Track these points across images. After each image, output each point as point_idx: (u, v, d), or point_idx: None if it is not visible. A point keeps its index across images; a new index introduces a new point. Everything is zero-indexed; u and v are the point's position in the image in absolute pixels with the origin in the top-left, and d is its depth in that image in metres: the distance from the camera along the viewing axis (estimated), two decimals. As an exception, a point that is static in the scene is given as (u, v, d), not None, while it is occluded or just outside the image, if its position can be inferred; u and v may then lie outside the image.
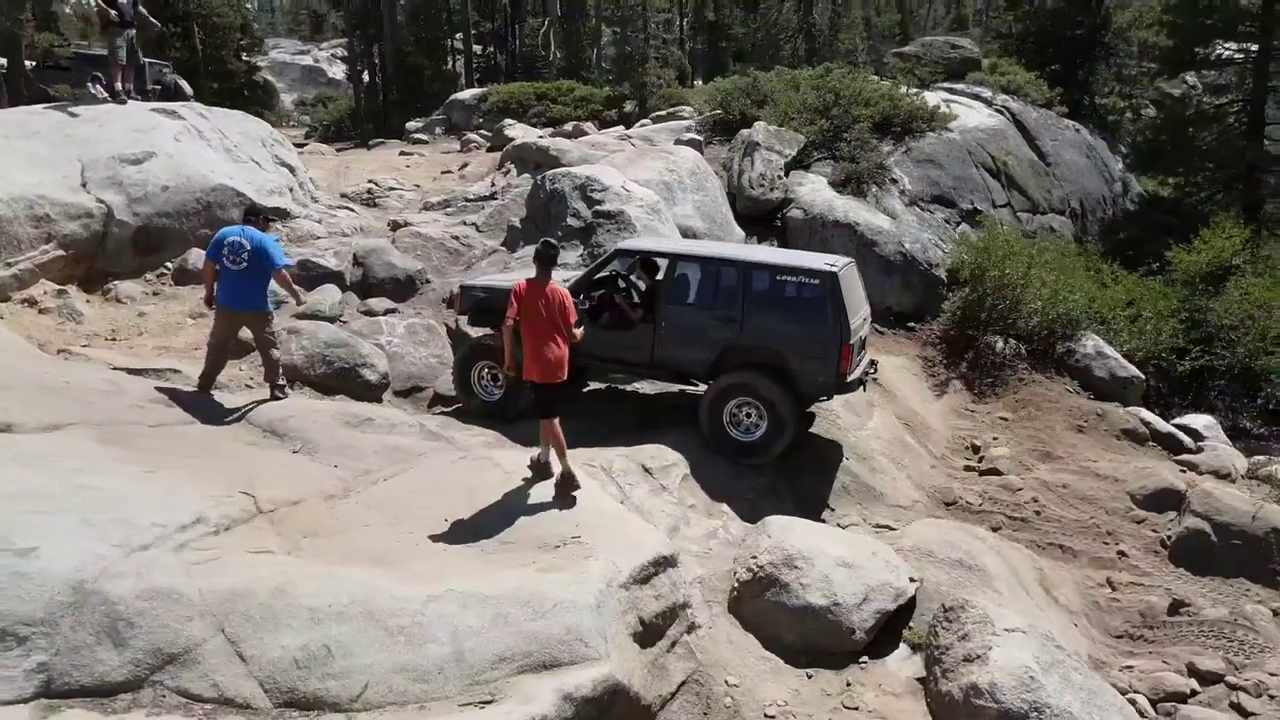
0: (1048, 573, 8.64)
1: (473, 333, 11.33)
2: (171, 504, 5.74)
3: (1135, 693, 7.10)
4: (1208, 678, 7.28)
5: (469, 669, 5.06)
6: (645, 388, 11.17)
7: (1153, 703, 7.11)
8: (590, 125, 21.05)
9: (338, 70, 63.54)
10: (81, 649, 4.65)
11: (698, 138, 16.49)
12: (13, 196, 10.47)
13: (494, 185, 15.18)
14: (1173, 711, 6.91)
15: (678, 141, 16.35)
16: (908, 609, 7.04)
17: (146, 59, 14.95)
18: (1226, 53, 20.18)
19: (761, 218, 14.73)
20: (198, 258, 11.91)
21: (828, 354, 8.67)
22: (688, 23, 48.02)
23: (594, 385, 11.12)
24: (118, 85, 12.91)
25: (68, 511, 5.24)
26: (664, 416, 10.16)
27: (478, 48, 50.03)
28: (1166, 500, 9.41)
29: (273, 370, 8.63)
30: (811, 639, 6.63)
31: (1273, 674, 7.39)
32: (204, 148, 12.85)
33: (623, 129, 19.00)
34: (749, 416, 9.03)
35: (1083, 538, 9.33)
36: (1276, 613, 8.10)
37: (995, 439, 11.23)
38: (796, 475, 9.38)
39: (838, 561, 6.83)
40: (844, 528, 8.49)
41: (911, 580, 7.08)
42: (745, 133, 15.47)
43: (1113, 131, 23.41)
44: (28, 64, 17.21)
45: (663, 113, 20.91)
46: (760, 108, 17.19)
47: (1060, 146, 20.22)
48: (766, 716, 6.06)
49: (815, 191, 14.75)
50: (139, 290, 11.55)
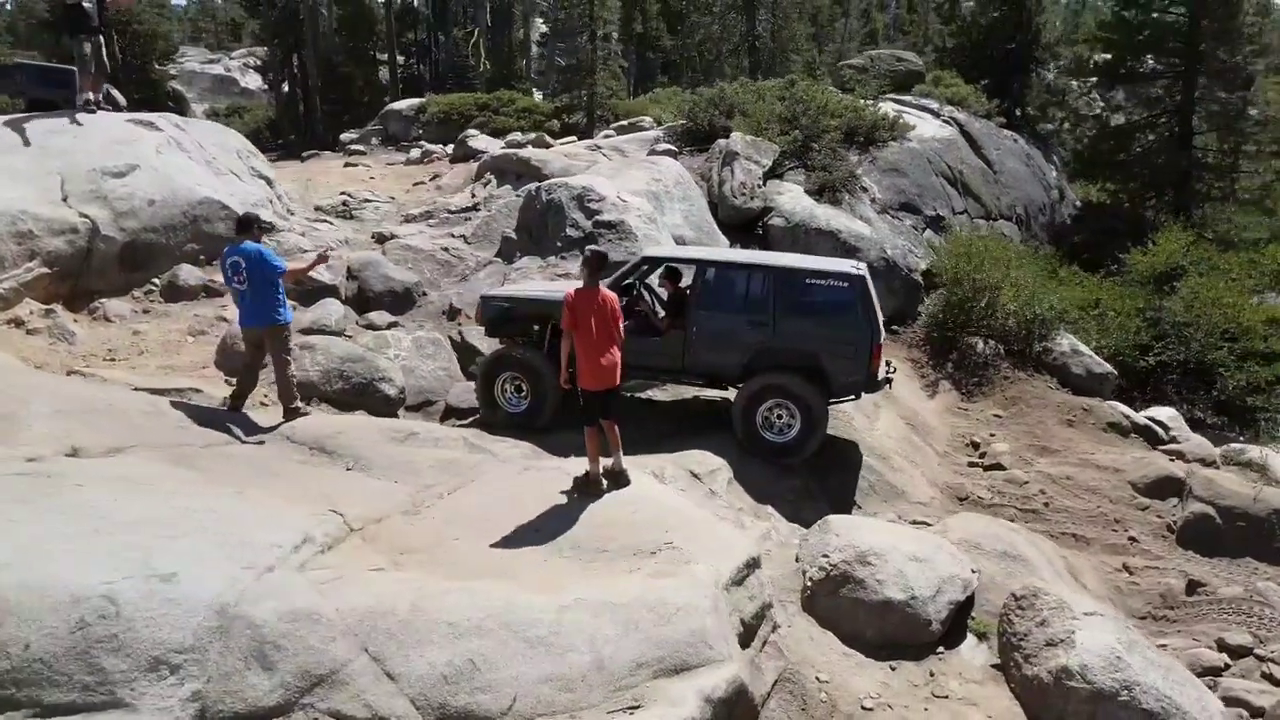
0: (1070, 560, 9.06)
1: (483, 345, 11.29)
2: (277, 525, 5.59)
3: (1176, 669, 7.53)
4: (1238, 651, 7.77)
5: (610, 676, 5.07)
6: (658, 394, 11.31)
7: (1193, 677, 7.54)
8: (549, 137, 21.01)
9: (251, 80, 61.74)
10: (232, 675, 4.50)
11: (672, 148, 16.69)
12: (-6, 212, 10.01)
13: (475, 196, 15.07)
14: (1214, 685, 7.33)
15: (652, 152, 16.52)
16: (969, 600, 7.31)
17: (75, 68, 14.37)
18: (1160, 67, 21.49)
19: (743, 226, 15.00)
20: (188, 274, 11.59)
21: (859, 354, 9.00)
22: (616, 34, 48.33)
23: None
24: (87, 95, 12.37)
25: (190, 535, 5.06)
26: (686, 423, 10.29)
27: (400, 58, 49.29)
28: (1168, 488, 9.98)
29: (287, 390, 8.33)
30: (890, 633, 6.82)
31: (1296, 645, 7.94)
32: (185, 160, 12.45)
33: (591, 140, 19.02)
34: (780, 418, 9.26)
35: (1093, 526, 9.82)
36: (1283, 587, 8.73)
37: (992, 435, 11.71)
38: (825, 476, 9.64)
39: (909, 556, 7.06)
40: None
41: (973, 571, 7.36)
42: (723, 143, 15.73)
43: (1045, 141, 24.62)
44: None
45: (624, 123, 21.07)
46: (729, 118, 17.49)
47: (1003, 155, 21.16)
48: (864, 709, 6.22)
49: (795, 200, 15.10)
50: (128, 308, 11.12)
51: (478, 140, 20.20)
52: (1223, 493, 9.47)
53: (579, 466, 7.61)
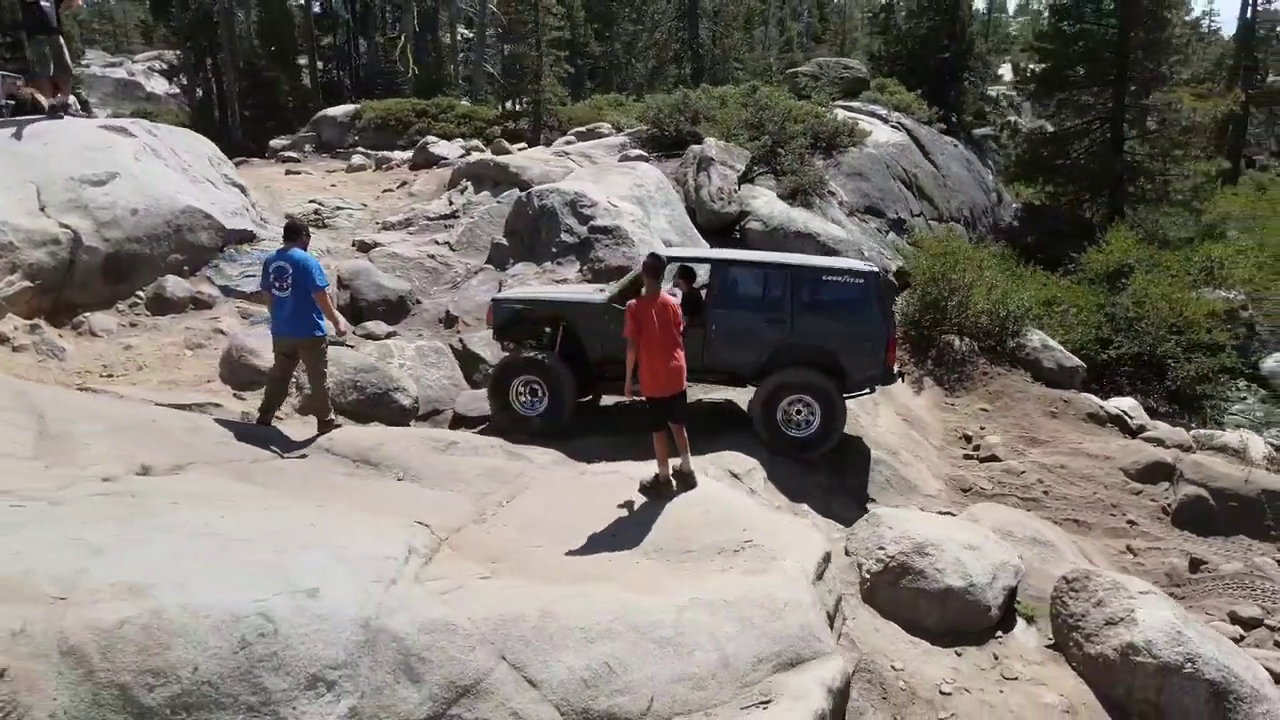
0: (1079, 544, 9.50)
1: (486, 352, 11.21)
2: (378, 537, 5.47)
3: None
4: (1249, 623, 8.28)
5: (736, 673, 5.15)
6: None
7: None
8: (506, 143, 20.86)
9: (157, 84, 59.42)
10: (384, 689, 4.40)
11: (644, 154, 16.80)
12: (-30, 224, 9.48)
13: (452, 203, 14.89)
14: (1235, 655, 7.80)
15: (625, 158, 16.61)
16: (1017, 585, 7.61)
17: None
18: (1093, 76, 22.64)
19: (721, 230, 15.21)
20: (175, 285, 11.20)
21: (876, 348, 9.29)
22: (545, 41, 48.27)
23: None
24: (60, 99, 11.80)
25: (308, 550, 4.92)
26: (702, 425, 10.38)
27: (319, 64, 48.14)
28: (1158, 472, 10.55)
29: (322, 403, 8.14)
30: (952, 620, 7.05)
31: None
32: (163, 167, 11.99)
33: (556, 146, 18.96)
34: (799, 414, 9.44)
35: (1092, 511, 10.30)
36: (1279, 562, 9.32)
37: (982, 429, 12.16)
38: (843, 473, 9.88)
39: (963, 545, 7.30)
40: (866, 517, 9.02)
41: (1020, 557, 7.67)
42: (696, 148, 15.92)
43: (980, 146, 25.62)
44: None
45: (582, 129, 21.08)
46: (694, 124, 17.71)
47: (948, 160, 21.96)
48: (942, 694, 6.43)
49: (770, 204, 15.39)
50: (114, 322, 10.65)
51: (438, 146, 19.94)
52: (1214, 475, 10.08)
53: (632, 470, 7.66)
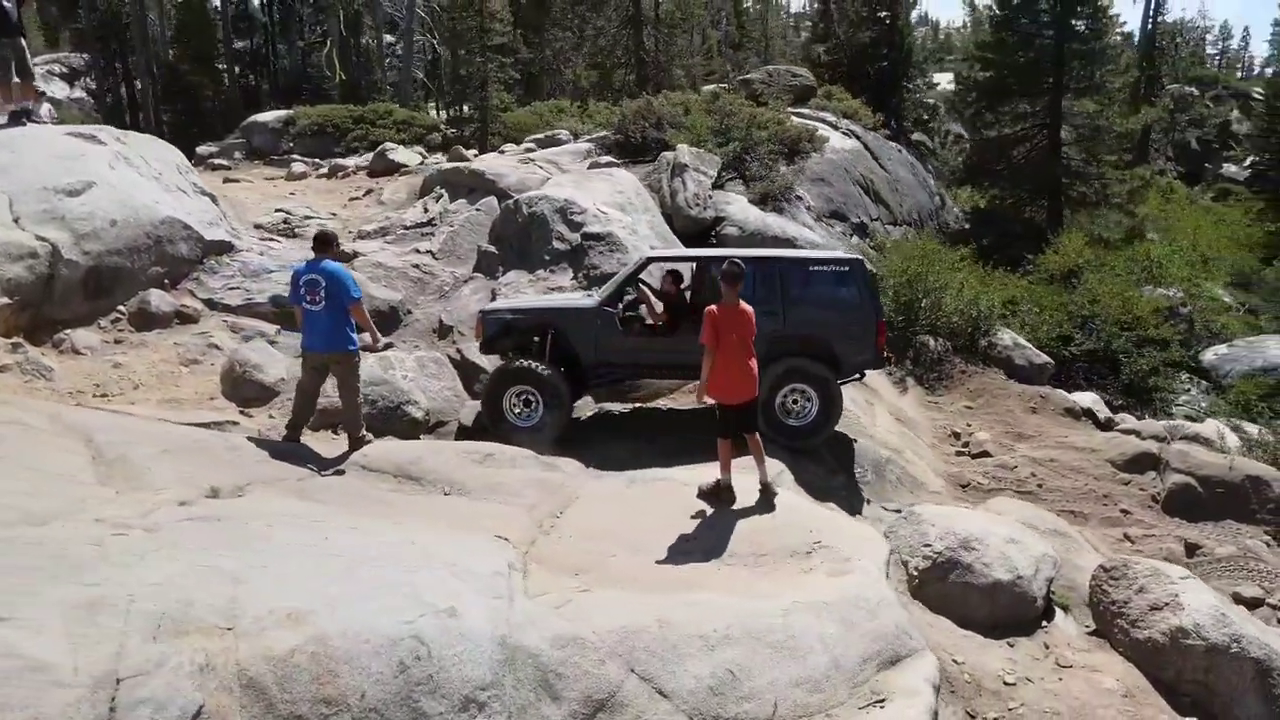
0: (1081, 534, 9.87)
1: (488, 363, 11.03)
2: (475, 553, 5.37)
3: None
4: (1252, 603, 8.71)
5: (846, 673, 5.22)
6: (672, 403, 11.41)
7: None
8: (464, 150, 20.56)
9: (58, 88, 56.52)
10: (528, 708, 4.33)
11: (615, 160, 16.79)
12: (-53, 238, 8.93)
13: (428, 211, 14.61)
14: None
15: (595, 165, 16.57)
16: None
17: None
18: (1032, 84, 23.61)
19: (698, 236, 15.29)
20: (159, 299, 10.76)
21: (866, 333, 9.43)
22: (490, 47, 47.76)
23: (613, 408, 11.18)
24: (25, 104, 11.18)
25: (423, 569, 4.79)
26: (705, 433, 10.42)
27: (236, 68, 46.68)
28: (1144, 463, 11.03)
29: (355, 419, 7.90)
30: (1001, 612, 7.23)
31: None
32: (137, 176, 11.47)
33: (519, 153, 18.77)
34: (796, 403, 9.51)
35: (1085, 502, 10.71)
36: (1268, 544, 9.86)
37: (969, 426, 12.53)
38: (858, 472, 10.04)
39: (1005, 539, 7.52)
40: (902, 514, 9.25)
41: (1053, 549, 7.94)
42: (669, 155, 15.99)
43: (920, 151, 26.41)
44: None
45: (540, 136, 20.94)
46: (659, 130, 17.78)
47: (895, 165, 22.56)
48: (1006, 684, 6.60)
49: (744, 209, 15.56)
50: (97, 339, 10.13)
51: (396, 153, 19.54)
52: (1200, 464, 10.60)
53: (683, 476, 7.69)
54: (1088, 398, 14.34)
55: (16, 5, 11.36)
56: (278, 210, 14.95)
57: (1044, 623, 7.39)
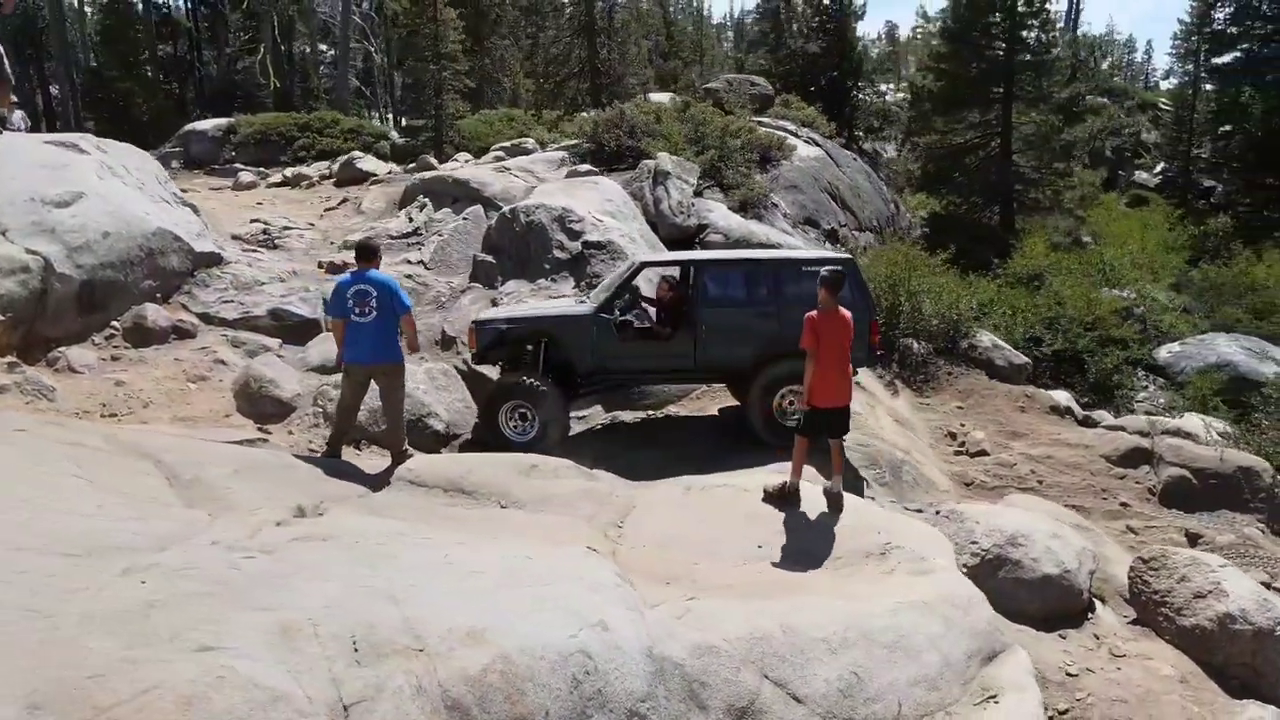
0: (1091, 526, 10.21)
1: (494, 372, 10.89)
2: (583, 566, 5.29)
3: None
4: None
5: (956, 671, 5.29)
6: (680, 409, 11.43)
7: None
8: (432, 159, 20.27)
9: (-37, 95, 53.84)
10: (680, 719, 4.30)
11: (594, 169, 16.74)
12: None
13: (412, 221, 14.36)
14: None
15: (574, 173, 16.50)
16: (1090, 568, 8.09)
17: None
18: (983, 94, 24.40)
19: (682, 243, 15.36)
20: (156, 314, 10.39)
21: (861, 331, 9.55)
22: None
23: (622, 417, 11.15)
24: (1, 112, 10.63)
25: (561, 581, 4.70)
26: (723, 438, 10.48)
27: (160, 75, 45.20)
28: (1137, 457, 11.45)
29: (399, 433, 7.70)
30: (1050, 605, 7.41)
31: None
32: (122, 185, 11.03)
33: (498, 162, 18.54)
34: (792, 404, 9.59)
35: (1085, 496, 11.07)
36: (1263, 531, 10.34)
37: (963, 425, 12.82)
38: (877, 474, 10.20)
39: (1049, 534, 7.73)
40: (941, 514, 9.45)
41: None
42: (650, 163, 16.03)
43: (873, 159, 27.01)
44: None
45: (507, 144, 20.77)
46: (633, 139, 17.81)
47: (854, 173, 23.02)
48: (1070, 675, 6.76)
49: (726, 217, 15.69)
50: (94, 356, 9.70)
51: (365, 162, 19.14)
52: (1193, 456, 11.07)
53: (744, 481, 7.69)
54: (1062, 396, 14.83)
55: (-6, 10, 10.81)
56: (253, 221, 14.52)
57: (1089, 614, 7.62)
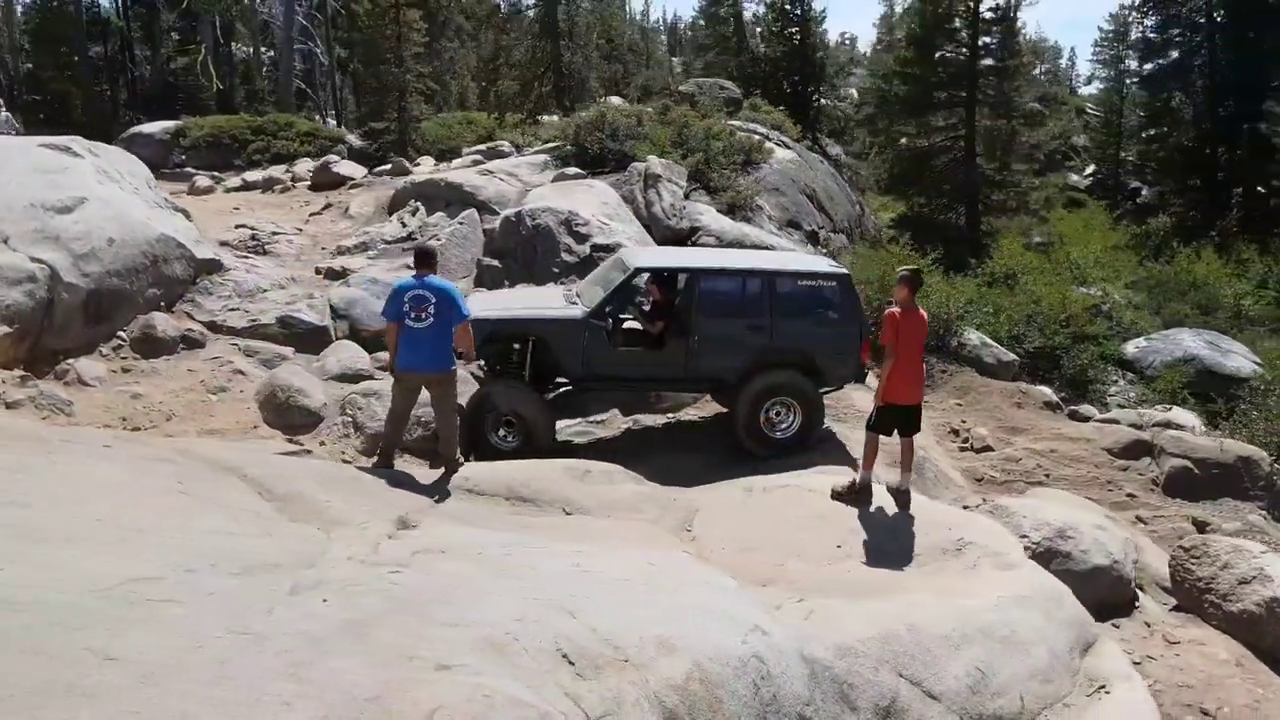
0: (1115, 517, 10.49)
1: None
2: (697, 570, 5.26)
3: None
4: (1272, 572, 9.51)
5: (1063, 663, 5.40)
6: (692, 413, 11.41)
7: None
8: (408, 163, 19.91)
9: (-118, 96, 51.29)
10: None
11: (582, 172, 16.63)
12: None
13: (406, 225, 14.09)
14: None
15: (562, 176, 16.38)
16: (1130, 558, 8.30)
17: None
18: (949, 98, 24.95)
19: (675, 245, 15.35)
20: (164, 323, 10.05)
21: (852, 347, 9.55)
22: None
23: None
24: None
25: (704, 587, 4.67)
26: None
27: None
28: (1139, 449, 11.78)
29: (453, 441, 7.49)
30: (1101, 596, 7.56)
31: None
32: (120, 191, 10.60)
33: (480, 164, 18.26)
34: (779, 415, 9.46)
35: (1092, 489, 11.35)
36: (1265, 518, 10.74)
37: (964, 422, 13.05)
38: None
39: (1095, 525, 7.93)
40: (968, 509, 9.62)
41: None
42: (640, 166, 15.97)
43: (837, 162, 27.39)
44: None
45: (482, 148, 20.54)
46: (616, 141, 17.74)
47: (823, 176, 23.31)
48: (1134, 664, 6.92)
49: (716, 219, 15.71)
50: (103, 368, 9.32)
51: (342, 166, 18.72)
52: (1193, 447, 11.44)
53: (808, 481, 7.73)
54: (1045, 392, 15.24)
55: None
56: (238, 226, 14.08)
57: (1135, 603, 7.83)
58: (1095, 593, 7.51)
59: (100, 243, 9.49)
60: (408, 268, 13.05)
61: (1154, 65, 37.20)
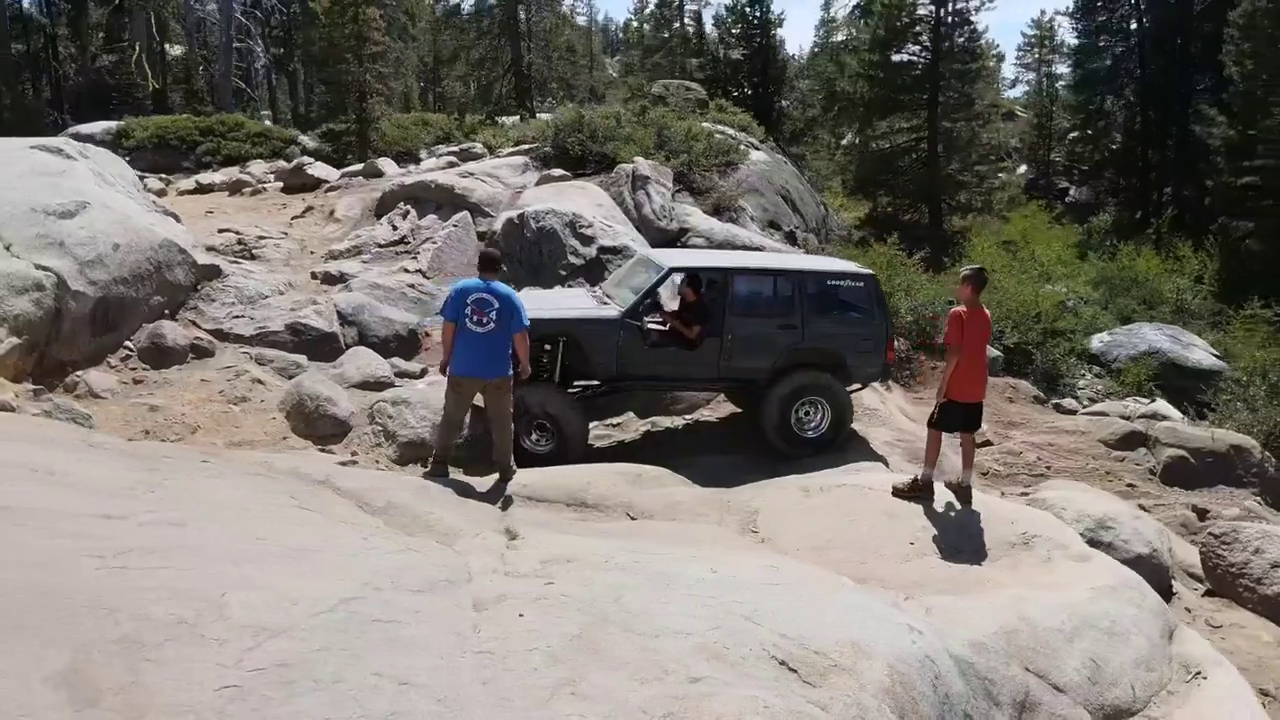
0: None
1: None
2: (810, 571, 5.24)
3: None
4: (1275, 556, 9.90)
5: (1160, 651, 5.53)
6: (708, 413, 11.41)
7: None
8: (382, 164, 19.47)
9: None
10: (986, 717, 4.32)
11: (566, 173, 16.50)
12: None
13: (397, 229, 13.78)
14: None
15: (547, 179, 16.24)
16: (1157, 547, 8.55)
17: None
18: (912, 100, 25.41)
19: (665, 246, 15.34)
20: (173, 331, 9.71)
21: (878, 347, 9.79)
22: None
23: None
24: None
25: (840, 589, 4.66)
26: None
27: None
28: (1134, 440, 12.16)
29: (507, 448, 7.36)
30: (1144, 583, 7.85)
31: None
32: (118, 194, 10.15)
33: (460, 166, 17.93)
34: (807, 415, 9.66)
35: (1092, 479, 11.66)
36: (1260, 504, 11.18)
37: (961, 418, 13.33)
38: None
39: (1131, 515, 8.16)
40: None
41: (1155, 523, 8.66)
42: (627, 167, 15.91)
43: (799, 163, 27.67)
44: None
45: (456, 149, 20.22)
46: (596, 143, 17.65)
47: (789, 176, 23.54)
48: (1182, 650, 7.18)
49: (704, 220, 15.75)
50: (114, 380, 8.95)
51: (316, 169, 18.22)
52: (1189, 438, 11.86)
53: (867, 480, 7.78)
54: (1030, 387, 15.65)
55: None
56: (221, 231, 13.59)
57: (1173, 590, 8.07)
58: (1137, 581, 7.75)
59: (106, 249, 9.07)
60: (406, 270, 12.89)
61: (1085, 71, 38.50)
